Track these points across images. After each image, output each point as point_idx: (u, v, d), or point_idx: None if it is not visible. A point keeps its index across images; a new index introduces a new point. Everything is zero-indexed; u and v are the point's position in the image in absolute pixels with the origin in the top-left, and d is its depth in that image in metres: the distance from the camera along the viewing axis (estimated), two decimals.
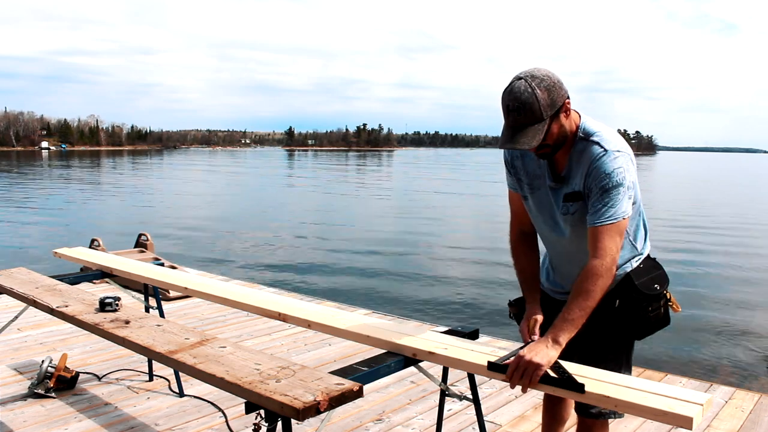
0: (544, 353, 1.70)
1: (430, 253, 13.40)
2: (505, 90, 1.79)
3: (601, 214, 1.78)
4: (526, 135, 1.75)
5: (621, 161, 1.79)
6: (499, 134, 1.85)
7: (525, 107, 1.73)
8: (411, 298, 9.29)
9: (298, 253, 13.01)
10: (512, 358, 1.77)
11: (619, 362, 2.00)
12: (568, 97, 1.81)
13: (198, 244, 13.95)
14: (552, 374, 1.70)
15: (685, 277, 10.96)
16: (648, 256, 2.06)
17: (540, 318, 1.94)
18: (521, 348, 1.80)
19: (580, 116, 1.88)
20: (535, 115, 1.74)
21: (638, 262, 2.02)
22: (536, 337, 1.87)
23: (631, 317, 1.96)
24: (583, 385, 1.64)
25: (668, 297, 2.01)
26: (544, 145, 1.81)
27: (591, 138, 1.84)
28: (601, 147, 1.81)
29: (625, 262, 1.99)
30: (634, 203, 1.89)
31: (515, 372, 1.71)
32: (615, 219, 1.77)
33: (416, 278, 10.71)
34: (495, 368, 1.79)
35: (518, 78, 1.77)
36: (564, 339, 1.73)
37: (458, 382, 3.36)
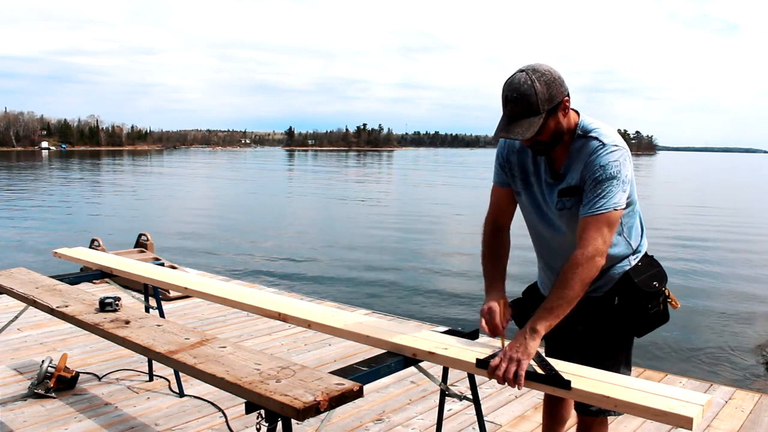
0: (524, 347, 1.72)
1: (430, 253, 13.39)
2: (506, 81, 1.80)
3: (591, 204, 1.79)
4: (521, 126, 1.76)
5: (617, 155, 1.81)
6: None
7: (523, 98, 1.75)
8: (411, 298, 9.30)
9: (298, 253, 13.01)
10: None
11: (619, 360, 2.00)
12: (568, 96, 1.82)
13: (198, 245, 13.95)
14: (539, 371, 1.70)
15: (685, 277, 10.96)
16: (646, 254, 2.07)
17: (496, 307, 1.92)
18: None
19: (579, 115, 1.89)
20: (532, 107, 1.75)
21: (636, 260, 2.02)
22: (506, 323, 1.90)
23: (631, 315, 1.97)
24: (569, 382, 1.65)
25: (667, 294, 2.02)
26: (539, 141, 1.83)
27: (590, 134, 1.85)
28: (599, 141, 1.83)
29: (622, 260, 1.99)
30: (630, 202, 1.91)
31: (497, 368, 1.73)
32: (604, 210, 1.78)
33: (416, 278, 10.71)
34: (483, 365, 1.80)
35: (520, 70, 1.79)
36: (542, 327, 1.74)
37: (458, 382, 3.36)
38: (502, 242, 2.07)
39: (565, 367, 1.76)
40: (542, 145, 1.85)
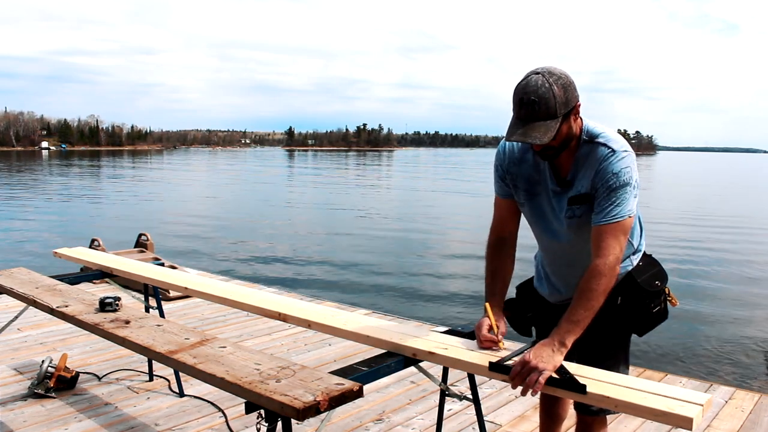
0: (550, 358, 1.68)
1: (430, 252, 13.39)
2: (519, 84, 1.75)
3: (606, 212, 1.78)
4: (539, 130, 1.71)
5: (628, 161, 1.79)
6: (498, 135, 1.85)
7: (541, 101, 1.70)
8: (411, 298, 9.29)
9: (298, 253, 13.01)
10: (515, 359, 1.75)
11: (619, 359, 2.02)
12: (579, 100, 1.80)
13: (198, 244, 13.94)
14: (554, 375, 1.69)
15: (685, 278, 10.95)
16: (645, 253, 2.08)
17: (504, 328, 1.95)
18: (525, 349, 1.79)
19: (581, 119, 1.87)
20: (549, 111, 1.71)
21: (638, 260, 2.03)
22: (501, 336, 1.90)
23: (634, 314, 1.98)
24: (584, 386, 1.64)
25: (667, 292, 2.03)
26: (550, 146, 1.80)
27: (597, 140, 1.83)
28: (609, 147, 1.81)
29: (624, 260, 1.98)
30: None
31: (519, 375, 1.69)
32: (621, 217, 1.77)
33: (416, 278, 10.70)
34: (497, 369, 1.77)
35: (535, 73, 1.74)
36: (570, 341, 1.72)
37: (458, 382, 3.36)
38: (504, 256, 2.05)
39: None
40: (552, 151, 1.82)
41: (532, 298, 2.20)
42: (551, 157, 1.86)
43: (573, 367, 1.76)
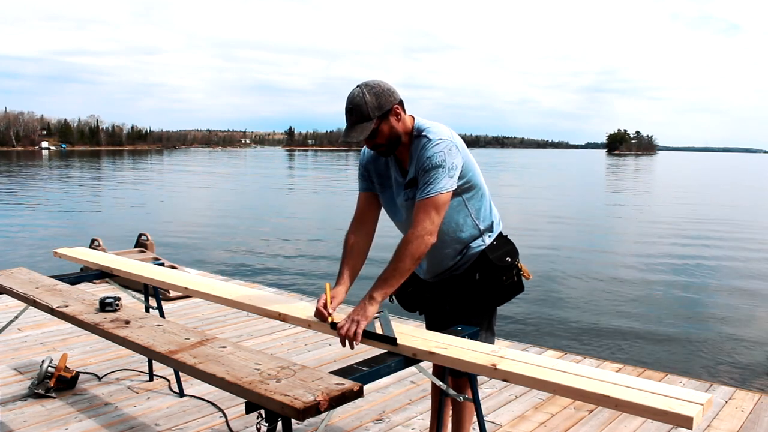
0: (363, 311, 2.05)
1: None
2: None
3: (421, 191, 2.10)
4: (356, 131, 2.09)
5: (441, 147, 2.11)
6: (498, 135, 1.92)
7: (355, 108, 2.09)
8: None
9: (298, 254, 13.01)
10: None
11: (482, 327, 2.31)
12: (399, 103, 2.14)
13: (198, 244, 13.94)
14: (378, 332, 2.05)
15: (686, 278, 10.95)
16: (500, 233, 2.37)
17: (340, 299, 2.24)
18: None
19: (414, 118, 2.20)
20: (363, 115, 2.08)
21: (492, 240, 2.33)
22: (332, 310, 2.18)
23: (490, 287, 2.29)
24: (395, 339, 2.00)
25: (519, 267, 2.34)
26: (378, 144, 2.16)
27: (422, 134, 2.16)
28: (427, 138, 2.14)
29: (474, 239, 2.30)
30: (473, 187, 2.23)
31: (341, 329, 2.04)
32: (431, 194, 2.07)
33: None
34: (333, 327, 2.13)
35: (356, 86, 2.13)
36: (379, 295, 2.06)
37: None
38: (358, 242, 2.35)
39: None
40: (383, 147, 2.18)
41: (411, 275, 2.35)
42: (385, 153, 2.21)
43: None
